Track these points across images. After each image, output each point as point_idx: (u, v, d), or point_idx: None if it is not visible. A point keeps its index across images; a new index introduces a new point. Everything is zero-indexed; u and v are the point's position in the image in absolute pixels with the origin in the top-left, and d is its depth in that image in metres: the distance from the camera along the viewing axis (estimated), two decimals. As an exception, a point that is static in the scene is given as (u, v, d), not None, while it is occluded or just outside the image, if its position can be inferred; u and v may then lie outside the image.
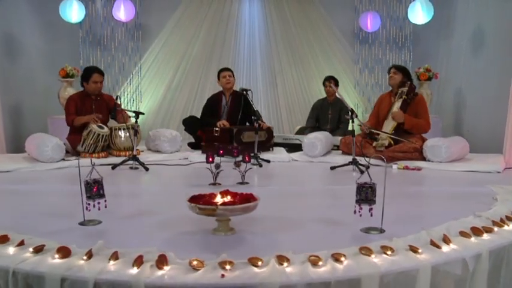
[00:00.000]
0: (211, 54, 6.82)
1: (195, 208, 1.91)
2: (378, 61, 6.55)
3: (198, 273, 1.52)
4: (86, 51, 6.33)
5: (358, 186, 2.11)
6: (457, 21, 5.69)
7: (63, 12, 5.59)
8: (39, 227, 2.16)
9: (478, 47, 5.24)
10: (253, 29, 6.91)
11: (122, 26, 6.43)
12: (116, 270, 1.56)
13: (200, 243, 1.95)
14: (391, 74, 4.51)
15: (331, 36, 6.72)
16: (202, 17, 6.84)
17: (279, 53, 6.82)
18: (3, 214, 2.49)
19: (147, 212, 2.52)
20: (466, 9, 5.44)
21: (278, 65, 6.83)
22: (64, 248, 1.71)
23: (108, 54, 6.43)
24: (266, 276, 1.51)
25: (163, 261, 1.56)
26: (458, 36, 5.65)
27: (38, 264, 1.62)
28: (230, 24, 6.86)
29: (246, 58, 6.91)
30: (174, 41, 6.80)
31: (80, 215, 2.24)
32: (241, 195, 2.04)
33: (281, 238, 2.03)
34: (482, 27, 5.17)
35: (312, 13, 6.80)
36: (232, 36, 6.86)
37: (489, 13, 5.04)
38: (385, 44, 6.49)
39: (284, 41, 6.82)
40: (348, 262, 1.62)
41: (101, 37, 6.39)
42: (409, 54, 6.39)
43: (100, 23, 6.32)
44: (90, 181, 2.16)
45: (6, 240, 1.87)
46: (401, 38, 6.40)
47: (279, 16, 6.84)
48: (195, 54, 6.83)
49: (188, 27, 6.82)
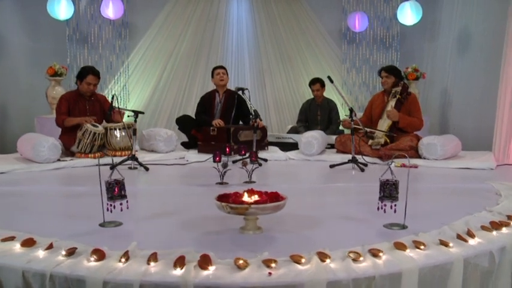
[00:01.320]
0: (199, 53, 6.82)
1: (226, 207, 1.91)
2: (365, 61, 6.67)
3: (245, 272, 1.53)
4: (73, 49, 6.18)
5: (381, 183, 2.16)
6: (443, 23, 5.85)
7: (51, 9, 5.44)
8: (60, 230, 2.11)
9: (464, 48, 5.41)
10: (241, 29, 6.93)
11: (110, 24, 6.32)
12: (159, 272, 1.53)
13: (232, 242, 1.95)
14: (384, 78, 4.61)
15: (319, 35, 6.81)
16: (190, 15, 6.83)
17: (267, 52, 6.87)
18: (19, 217, 2.43)
19: (164, 213, 2.50)
20: (451, 11, 5.61)
21: (266, 65, 6.87)
22: (98, 250, 1.68)
23: (95, 53, 6.31)
24: (312, 273, 1.53)
25: (207, 261, 1.56)
26: (444, 37, 5.82)
27: (75, 268, 1.58)
28: (218, 24, 6.87)
29: (234, 57, 6.92)
30: (161, 39, 6.76)
31: (97, 216, 2.22)
32: (268, 193, 2.05)
33: (309, 235, 2.05)
34: (468, 28, 5.34)
35: (299, 13, 6.87)
36: (220, 35, 6.86)
37: (475, 15, 5.21)
38: (372, 43, 6.62)
39: (272, 41, 6.87)
40: (387, 257, 1.66)
41: (88, 35, 6.26)
42: (396, 54, 6.53)
43: (87, 21, 6.19)
44: (112, 182, 2.12)
45: (32, 243, 1.81)
46: (389, 38, 6.54)
47: (267, 16, 6.89)
48: (182, 53, 6.81)
49: (175, 26, 6.79)
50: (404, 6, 5.56)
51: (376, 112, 4.63)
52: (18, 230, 1.96)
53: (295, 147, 5.01)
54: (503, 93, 4.23)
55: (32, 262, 1.65)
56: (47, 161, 3.95)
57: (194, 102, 6.77)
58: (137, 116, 4.01)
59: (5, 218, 2.35)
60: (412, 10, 5.49)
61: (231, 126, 4.66)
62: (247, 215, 1.94)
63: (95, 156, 4.27)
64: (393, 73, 4.59)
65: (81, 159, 4.21)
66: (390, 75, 4.57)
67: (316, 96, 5.73)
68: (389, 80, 4.57)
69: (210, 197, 2.96)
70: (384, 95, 4.69)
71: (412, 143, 4.23)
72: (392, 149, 4.20)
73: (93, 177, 3.65)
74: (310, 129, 5.70)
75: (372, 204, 2.69)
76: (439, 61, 5.91)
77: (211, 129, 4.68)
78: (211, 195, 2.92)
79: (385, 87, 4.63)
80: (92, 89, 4.59)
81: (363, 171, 3.80)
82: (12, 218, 2.39)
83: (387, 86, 4.59)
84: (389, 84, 4.57)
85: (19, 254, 1.72)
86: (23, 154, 4.23)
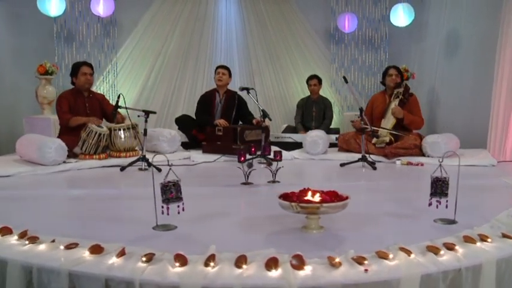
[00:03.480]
0: (188, 53, 6.73)
1: (296, 207, 1.92)
2: (354, 61, 6.82)
3: (341, 270, 1.55)
4: (60, 47, 5.96)
5: (433, 181, 2.24)
6: (431, 24, 6.07)
7: (42, 5, 5.22)
8: (114, 235, 2.05)
9: (453, 49, 5.64)
10: (230, 28, 6.91)
11: (98, 22, 6.14)
12: (255, 275, 1.52)
13: (301, 241, 1.97)
14: (393, 75, 4.73)
15: (307, 36, 6.89)
16: (178, 14, 6.72)
17: (257, 52, 6.88)
18: (68, 221, 2.37)
19: (214, 214, 2.46)
20: (439, 14, 5.83)
21: (256, 65, 6.88)
22: (180, 255, 1.63)
23: (83, 51, 6.11)
24: (405, 268, 1.58)
25: (301, 260, 1.58)
26: (432, 39, 6.05)
27: (165, 274, 1.54)
28: (207, 23, 6.80)
29: (223, 57, 6.87)
30: (149, 39, 6.63)
31: (145, 219, 2.18)
32: (328, 192, 2.08)
33: (371, 232, 2.10)
34: (457, 30, 5.57)
35: (288, 13, 6.92)
36: (209, 35, 6.80)
37: (464, 18, 5.43)
38: (360, 44, 6.78)
39: (261, 41, 6.89)
40: (463, 250, 1.73)
41: (76, 33, 6.05)
42: (385, 54, 6.72)
43: (75, 18, 5.98)
44: (170, 183, 2.08)
45: (101, 250, 1.74)
46: (377, 39, 6.72)
47: (256, 16, 6.89)
48: (170, 53, 6.70)
49: (162, 25, 6.67)
50: (397, 8, 5.73)
51: (377, 112, 4.76)
52: (68, 235, 1.89)
53: (295, 146, 5.06)
54: (498, 92, 4.45)
55: (114, 270, 1.60)
56: (54, 163, 3.81)
57: (183, 102, 6.73)
58: (148, 115, 3.93)
59: (46, 223, 2.24)
60: (404, 12, 5.67)
61: (238, 126, 4.65)
62: (317, 214, 1.96)
63: (100, 157, 4.16)
64: (401, 73, 4.76)
65: (85, 160, 4.08)
66: (399, 74, 4.74)
67: (313, 91, 5.83)
68: (398, 79, 4.72)
69: (250, 197, 2.99)
70: (385, 95, 4.83)
71: (416, 141, 4.38)
72: (398, 148, 4.33)
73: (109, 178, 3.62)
74: (304, 125, 5.83)
75: (407, 200, 2.79)
76: (427, 62, 6.14)
77: (216, 129, 4.65)
78: (250, 195, 2.94)
79: (391, 84, 4.74)
80: (89, 79, 4.47)
81: (374, 169, 3.90)
82: (56, 224, 2.29)
83: (394, 83, 4.72)
84: (396, 82, 4.71)
85: (93, 262, 1.65)
86: (23, 156, 4.05)
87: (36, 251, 1.76)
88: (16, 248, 1.80)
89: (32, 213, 2.50)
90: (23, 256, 1.73)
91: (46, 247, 1.78)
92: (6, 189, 3.09)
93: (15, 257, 1.73)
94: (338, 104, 6.88)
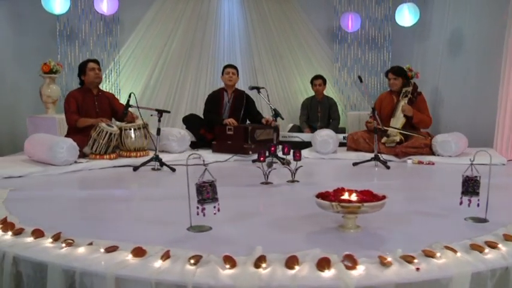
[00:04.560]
0: (191, 51, 6.70)
1: (336, 206, 1.92)
2: (357, 60, 6.84)
3: (393, 269, 1.55)
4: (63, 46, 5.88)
5: (464, 180, 2.25)
6: (434, 24, 6.11)
7: (47, 3, 5.14)
8: (151, 236, 2.03)
9: (457, 48, 5.69)
10: (233, 27, 6.89)
11: (101, 20, 6.07)
12: (309, 276, 1.51)
13: (343, 240, 1.96)
14: (391, 80, 4.77)
15: (310, 35, 6.90)
16: (180, 13, 6.69)
17: (259, 51, 6.87)
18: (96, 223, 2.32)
19: (244, 214, 2.44)
20: (443, 13, 5.88)
21: (258, 63, 6.87)
22: (229, 257, 1.61)
23: (86, 50, 6.04)
24: (455, 266, 1.58)
25: (354, 260, 1.57)
26: (435, 38, 6.09)
27: (217, 277, 1.52)
28: (209, 22, 6.78)
29: (226, 55, 6.85)
30: (151, 37, 6.59)
31: (177, 220, 2.16)
32: (363, 192, 2.08)
33: (408, 231, 2.11)
34: (461, 30, 5.61)
35: (290, 12, 6.92)
36: (211, 33, 6.78)
37: (468, 17, 5.48)
38: (363, 43, 6.80)
39: (264, 40, 6.88)
40: (507, 249, 1.75)
41: (79, 31, 5.98)
42: (388, 54, 6.75)
43: (78, 16, 5.90)
44: (206, 183, 2.06)
45: (143, 253, 1.70)
46: (380, 39, 6.74)
47: (258, 15, 6.88)
48: (173, 51, 6.66)
49: (165, 23, 6.63)
50: (403, 8, 5.76)
51: (385, 112, 4.78)
52: (101, 238, 1.85)
53: (303, 145, 5.05)
54: (505, 91, 4.47)
55: (163, 273, 1.57)
56: (65, 163, 3.75)
57: (186, 101, 6.69)
58: (161, 115, 3.90)
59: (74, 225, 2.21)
60: (410, 12, 5.71)
61: (249, 126, 4.63)
62: (357, 214, 1.96)
63: (111, 157, 4.11)
64: (400, 74, 4.76)
65: (96, 160, 4.03)
66: (398, 77, 4.75)
67: (317, 91, 5.84)
68: (397, 82, 4.74)
69: (276, 197, 2.98)
70: (392, 94, 4.85)
71: (426, 140, 4.41)
72: (409, 147, 4.36)
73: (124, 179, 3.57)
74: (311, 126, 5.83)
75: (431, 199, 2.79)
76: (430, 61, 6.18)
77: (227, 128, 4.63)
78: (275, 195, 2.93)
79: (394, 89, 4.78)
80: (98, 74, 4.42)
81: (388, 168, 3.92)
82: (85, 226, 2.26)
83: (396, 87, 4.75)
84: (398, 86, 4.74)
85: (138, 265, 1.62)
86: (32, 156, 3.98)
87: (76, 254, 1.72)
88: (53, 251, 1.77)
89: (56, 215, 2.47)
90: (63, 259, 1.69)
91: (85, 250, 1.75)
92: (22, 190, 3.02)
93: (54, 260, 1.70)
94: (341, 103, 6.89)
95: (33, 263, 1.74)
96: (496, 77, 4.75)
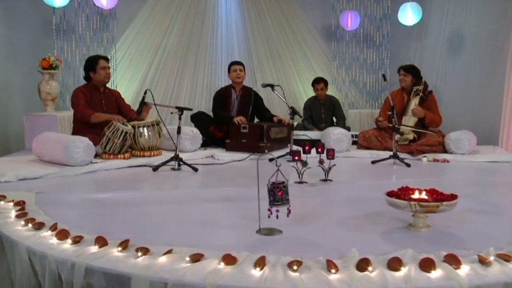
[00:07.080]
0: (188, 48, 6.60)
1: (415, 206, 1.90)
2: (355, 59, 6.89)
3: (497, 268, 1.54)
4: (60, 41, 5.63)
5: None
6: (433, 23, 6.21)
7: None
8: (217, 241, 1.95)
9: (457, 47, 5.80)
10: (231, 24, 6.82)
11: (97, 14, 5.85)
12: (419, 277, 1.49)
13: (420, 239, 1.94)
14: (401, 76, 4.81)
15: (308, 33, 6.90)
16: (177, 8, 6.58)
17: (257, 49, 6.83)
18: (159, 228, 2.20)
19: (306, 214, 2.34)
20: (442, 12, 5.98)
21: (257, 61, 6.82)
22: (331, 261, 1.55)
23: (83, 45, 5.81)
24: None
25: (458, 260, 1.55)
26: (433, 37, 6.19)
27: (330, 284, 1.46)
28: (207, 18, 6.69)
29: (224, 53, 6.78)
30: (147, 33, 6.45)
31: (240, 223, 2.09)
32: (430, 190, 2.06)
33: (476, 229, 2.11)
34: (461, 29, 5.72)
35: (288, 9, 6.90)
36: (209, 29, 6.70)
37: (467, 15, 5.59)
38: (362, 42, 6.85)
39: (262, 37, 6.84)
40: None
41: (76, 25, 5.74)
42: (386, 52, 6.83)
43: (74, 10, 5.67)
44: (280, 184, 1.98)
45: (234, 260, 1.61)
46: (379, 37, 6.81)
47: (256, 12, 6.83)
48: (170, 48, 6.54)
49: (162, 18, 6.51)
50: (406, 7, 5.83)
51: (396, 110, 4.80)
52: (170, 244, 1.76)
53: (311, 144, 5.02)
54: (510, 89, 4.62)
55: (269, 282, 1.48)
56: (82, 163, 3.58)
57: (184, 98, 6.56)
58: (182, 112, 3.78)
59: (138, 231, 2.08)
60: (413, 11, 5.78)
61: (264, 124, 4.56)
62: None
63: (125, 156, 3.96)
64: (411, 72, 4.80)
65: (111, 160, 3.87)
66: (408, 74, 4.79)
67: (320, 95, 5.79)
68: (406, 79, 4.78)
69: (325, 197, 2.91)
70: (403, 92, 4.89)
71: (439, 138, 4.48)
72: (423, 145, 4.41)
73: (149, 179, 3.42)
74: (316, 127, 5.80)
75: (474, 197, 2.80)
76: (428, 60, 6.28)
77: (241, 126, 4.54)
78: (321, 195, 2.88)
79: (403, 86, 4.83)
80: (109, 73, 4.31)
81: (408, 166, 3.94)
82: (146, 231, 2.13)
83: (405, 84, 4.79)
84: (407, 83, 4.78)
85: (232, 274, 1.53)
86: (43, 156, 3.77)
87: (159, 264, 1.60)
88: (129, 261, 1.64)
89: (101, 220, 2.35)
90: (147, 271, 1.56)
91: (168, 259, 1.64)
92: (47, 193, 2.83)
93: (136, 271, 1.57)
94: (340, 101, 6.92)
95: (110, 274, 1.60)
96: (499, 75, 4.87)
